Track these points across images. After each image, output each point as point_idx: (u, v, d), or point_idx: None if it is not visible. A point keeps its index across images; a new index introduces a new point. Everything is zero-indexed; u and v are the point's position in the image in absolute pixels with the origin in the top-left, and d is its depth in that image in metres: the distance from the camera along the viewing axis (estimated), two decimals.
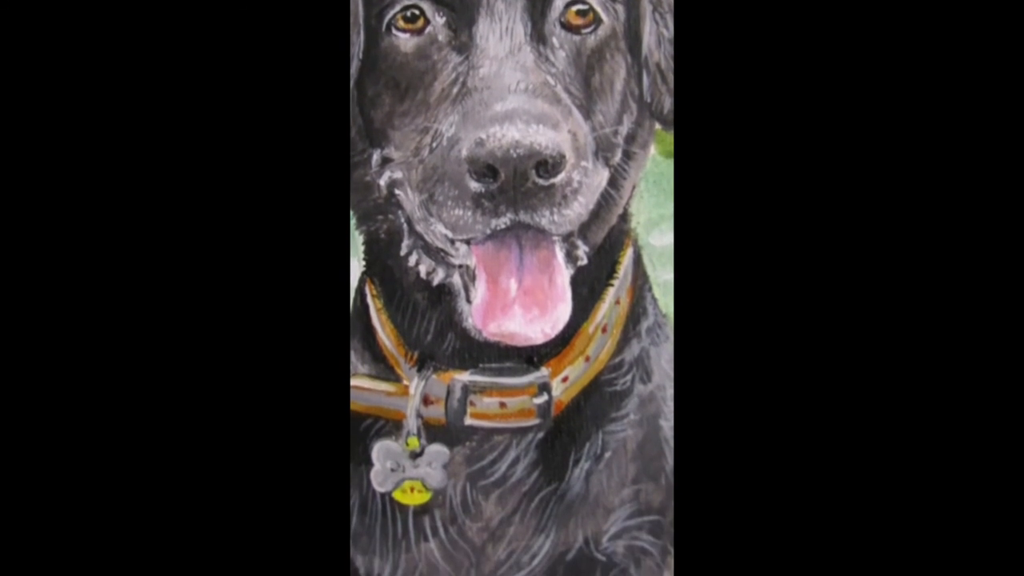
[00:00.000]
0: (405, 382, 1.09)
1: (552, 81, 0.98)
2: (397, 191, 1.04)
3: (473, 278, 1.01)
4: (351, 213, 1.10)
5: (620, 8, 1.05)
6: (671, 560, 1.09)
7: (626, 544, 1.08)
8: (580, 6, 1.02)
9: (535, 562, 1.08)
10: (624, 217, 1.12)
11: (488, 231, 0.96)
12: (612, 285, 1.11)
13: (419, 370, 1.09)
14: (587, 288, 1.09)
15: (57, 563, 0.91)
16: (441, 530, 1.08)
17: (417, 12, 1.01)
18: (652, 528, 1.08)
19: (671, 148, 1.06)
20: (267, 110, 0.95)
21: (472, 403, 1.08)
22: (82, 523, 0.91)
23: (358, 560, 1.09)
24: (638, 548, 1.08)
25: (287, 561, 0.93)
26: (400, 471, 1.08)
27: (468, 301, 1.02)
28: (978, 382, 0.92)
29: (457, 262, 1.03)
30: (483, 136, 0.92)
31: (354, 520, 1.10)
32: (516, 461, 1.09)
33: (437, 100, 0.99)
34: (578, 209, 0.98)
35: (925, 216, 0.94)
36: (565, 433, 1.10)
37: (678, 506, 0.97)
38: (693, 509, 0.95)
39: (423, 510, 1.09)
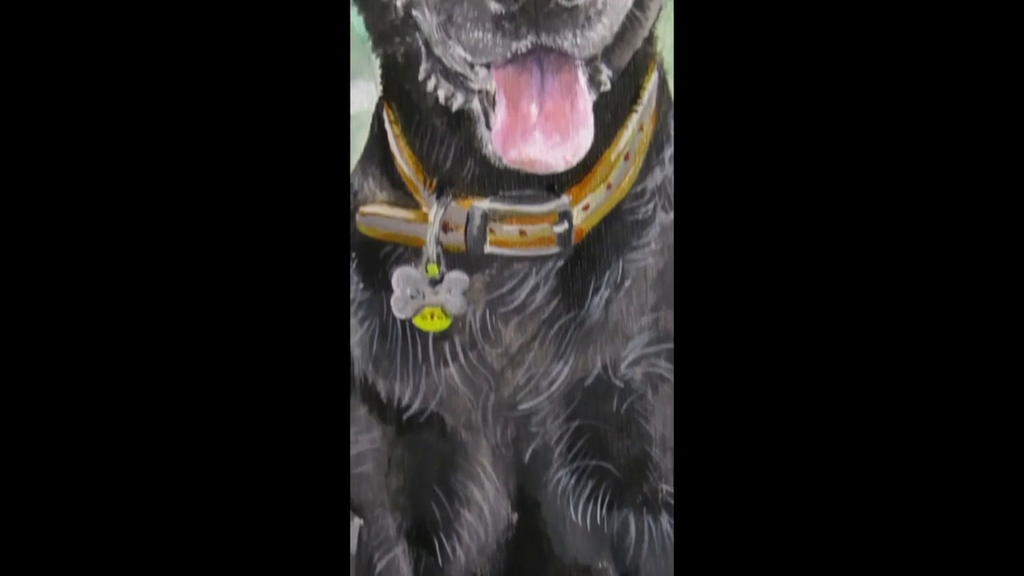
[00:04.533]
0: (424, 208, 1.08)
1: None
2: (414, 11, 1.01)
3: (493, 103, 0.99)
4: (367, 35, 1.07)
5: None
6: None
7: (644, 371, 1.09)
8: None
9: (553, 387, 1.09)
10: (649, 40, 1.09)
11: (509, 54, 0.94)
12: (635, 111, 1.09)
13: (438, 196, 1.08)
14: (610, 114, 1.07)
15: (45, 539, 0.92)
16: (461, 355, 1.09)
17: None
18: (670, 355, 1.09)
19: None
20: None
21: (492, 230, 1.07)
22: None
23: (379, 384, 1.11)
24: (656, 375, 1.09)
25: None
26: (420, 297, 1.08)
27: (488, 127, 1.00)
28: (981, 378, 0.91)
29: (477, 87, 1.00)
30: None
31: (375, 346, 1.11)
32: (536, 288, 1.09)
33: None
34: (602, 31, 0.95)
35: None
36: (585, 261, 1.09)
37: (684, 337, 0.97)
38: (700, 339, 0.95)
39: (443, 336, 1.09)
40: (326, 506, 0.94)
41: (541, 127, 0.97)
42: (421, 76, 1.04)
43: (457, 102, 1.03)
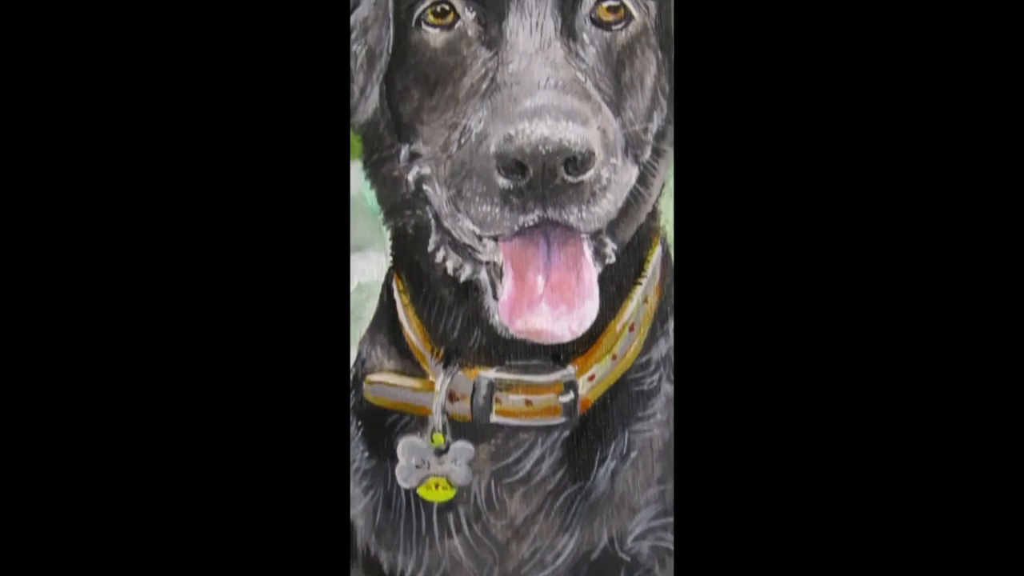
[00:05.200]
0: (431, 378, 1.09)
1: (582, 77, 0.98)
2: (425, 186, 1.03)
3: (500, 274, 1.01)
4: (379, 208, 1.10)
5: (651, 4, 1.04)
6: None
7: (651, 544, 1.07)
8: (611, 2, 1.01)
9: (559, 561, 1.07)
10: (653, 215, 1.11)
11: (516, 227, 0.96)
12: (640, 283, 1.11)
13: (445, 366, 1.08)
14: (615, 286, 1.09)
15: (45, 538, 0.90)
16: (465, 527, 1.08)
17: (447, 7, 1.01)
18: None
19: None
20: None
21: (498, 400, 1.07)
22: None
23: (382, 556, 1.09)
24: (663, 548, 1.07)
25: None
26: (425, 467, 1.08)
27: (495, 298, 1.01)
28: (979, 381, 0.91)
29: (484, 258, 1.02)
30: (512, 132, 0.92)
31: (379, 516, 1.10)
32: (541, 459, 1.08)
33: (466, 95, 0.99)
34: (607, 206, 0.97)
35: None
36: (591, 431, 1.09)
37: (682, 509, 0.96)
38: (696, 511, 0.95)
39: (448, 506, 1.08)
40: None
41: (547, 298, 0.99)
42: (430, 248, 1.06)
43: (465, 273, 1.04)
